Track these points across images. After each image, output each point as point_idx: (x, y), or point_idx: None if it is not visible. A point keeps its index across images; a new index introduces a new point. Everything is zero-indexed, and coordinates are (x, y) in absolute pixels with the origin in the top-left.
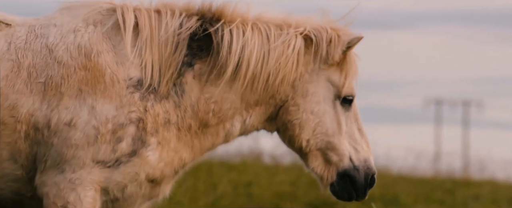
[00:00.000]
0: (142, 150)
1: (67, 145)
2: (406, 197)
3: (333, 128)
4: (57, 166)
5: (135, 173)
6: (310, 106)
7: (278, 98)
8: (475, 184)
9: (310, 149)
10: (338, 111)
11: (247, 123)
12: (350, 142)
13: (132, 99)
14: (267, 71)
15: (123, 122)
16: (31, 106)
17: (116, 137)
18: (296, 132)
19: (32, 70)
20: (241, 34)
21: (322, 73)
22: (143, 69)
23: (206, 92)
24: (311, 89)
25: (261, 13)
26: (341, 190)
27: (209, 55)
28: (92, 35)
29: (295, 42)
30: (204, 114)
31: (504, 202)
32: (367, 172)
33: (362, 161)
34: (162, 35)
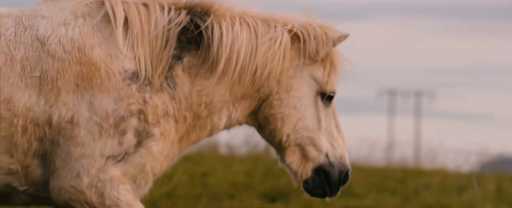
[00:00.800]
0: (146, 141)
1: (74, 144)
2: (359, 187)
3: (313, 124)
4: (68, 167)
5: (143, 165)
6: (292, 101)
7: (262, 92)
8: (426, 173)
9: (289, 144)
10: (319, 107)
11: (232, 117)
12: (328, 138)
13: (130, 91)
14: (255, 65)
15: (124, 115)
16: (28, 101)
17: (120, 130)
18: (278, 126)
19: (26, 63)
20: (231, 28)
21: (306, 69)
22: (137, 62)
23: (197, 84)
24: (294, 84)
25: (246, 9)
26: (316, 186)
27: (198, 49)
28: (82, 29)
29: (282, 38)
30: (197, 106)
31: (453, 191)
32: (341, 169)
33: (338, 157)
34: (152, 30)
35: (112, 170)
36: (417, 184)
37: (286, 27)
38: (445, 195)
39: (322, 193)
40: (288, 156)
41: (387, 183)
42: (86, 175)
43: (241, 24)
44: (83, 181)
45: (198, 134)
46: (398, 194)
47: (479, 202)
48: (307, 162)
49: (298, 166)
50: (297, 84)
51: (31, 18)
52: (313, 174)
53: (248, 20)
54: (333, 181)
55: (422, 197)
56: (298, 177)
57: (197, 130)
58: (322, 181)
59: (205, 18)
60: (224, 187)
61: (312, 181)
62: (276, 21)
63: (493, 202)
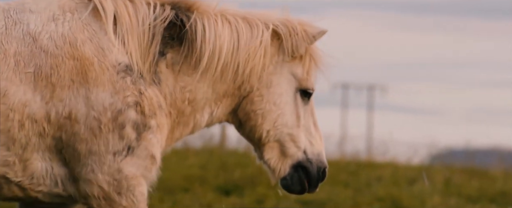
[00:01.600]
0: (145, 134)
1: (78, 140)
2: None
3: (293, 121)
4: (81, 162)
5: (151, 156)
6: (273, 97)
7: (243, 89)
8: (378, 166)
9: (268, 140)
10: (298, 104)
11: (214, 114)
12: (306, 135)
13: (125, 84)
14: (237, 62)
15: (121, 108)
16: (23, 96)
17: (118, 124)
18: (258, 122)
19: (19, 58)
20: (213, 25)
21: (286, 66)
22: (129, 56)
23: (180, 81)
24: (274, 80)
25: (226, 7)
26: (294, 183)
27: (180, 45)
28: (72, 24)
29: (263, 35)
30: (181, 103)
31: (404, 183)
32: (319, 165)
33: (316, 154)
34: (140, 26)
35: (124, 167)
36: (369, 177)
37: (266, 24)
38: (396, 187)
39: (300, 190)
40: (267, 153)
41: (340, 175)
42: (100, 171)
43: (223, 22)
44: (98, 176)
45: (181, 131)
46: (350, 186)
47: (428, 194)
48: (286, 159)
49: (277, 162)
50: (277, 80)
51: (19, 12)
52: (291, 171)
53: (229, 17)
54: (312, 178)
55: (374, 189)
56: (276, 173)
57: (180, 127)
58: (301, 178)
59: (188, 14)
60: (178, 180)
61: (291, 177)
62: (256, 19)
63: (442, 194)
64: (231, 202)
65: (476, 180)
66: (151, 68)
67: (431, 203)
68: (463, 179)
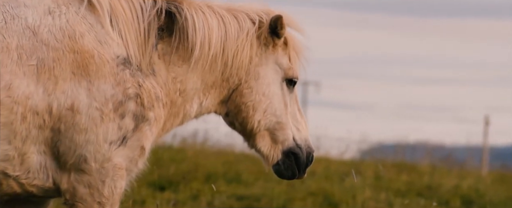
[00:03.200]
0: (142, 125)
1: (77, 130)
2: (247, 175)
3: (281, 109)
4: (75, 153)
5: (141, 147)
6: (261, 88)
7: (232, 81)
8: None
9: (259, 129)
10: (285, 92)
11: (203, 105)
12: (293, 122)
13: (125, 76)
14: (226, 52)
15: (122, 99)
16: (26, 89)
17: (119, 114)
18: (250, 114)
19: (21, 51)
20: (202, 16)
21: (271, 57)
22: (126, 49)
23: (171, 71)
24: (261, 72)
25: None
26: (286, 168)
27: (170, 35)
28: (69, 16)
29: (248, 27)
30: (173, 93)
31: (336, 178)
32: (308, 150)
33: (303, 140)
34: (135, 18)
35: (114, 156)
36: None
37: (251, 16)
38: (328, 182)
39: (291, 175)
40: (259, 141)
41: None
42: (94, 160)
43: (210, 13)
44: (91, 165)
45: (171, 122)
46: (284, 182)
47: (359, 188)
48: (277, 146)
49: (269, 150)
50: (264, 71)
51: (15, 7)
52: (283, 157)
53: (215, 9)
54: (302, 163)
55: (307, 184)
56: (270, 160)
57: (171, 118)
58: (292, 163)
59: (177, 5)
60: None
61: (283, 163)
62: (238, 11)
63: (372, 188)
64: (166, 198)
65: (405, 175)
66: (149, 60)
67: (362, 197)
68: (393, 174)
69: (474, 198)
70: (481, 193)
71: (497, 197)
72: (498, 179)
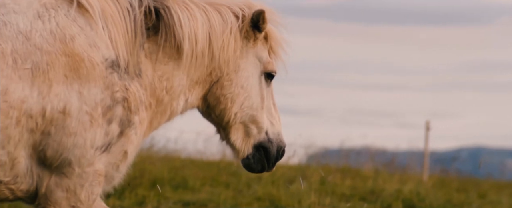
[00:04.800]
0: (127, 130)
1: (66, 133)
2: (194, 180)
3: (257, 103)
4: (61, 157)
5: (124, 152)
6: (240, 81)
7: (214, 74)
8: None
9: (235, 122)
10: (263, 86)
11: (188, 101)
12: (268, 116)
13: (113, 79)
14: (212, 48)
15: (110, 104)
16: (22, 92)
17: (107, 119)
18: (228, 106)
19: (16, 56)
20: (186, 12)
21: (251, 50)
22: (115, 51)
23: (157, 70)
24: (241, 64)
25: None
26: (255, 161)
27: (156, 34)
28: (58, 20)
29: (232, 20)
30: (160, 92)
31: (282, 182)
32: (279, 145)
33: (276, 134)
34: (122, 19)
35: (96, 162)
36: (249, 177)
37: (233, 10)
38: (275, 187)
39: (260, 168)
40: (233, 134)
41: (221, 176)
42: (78, 164)
43: (194, 9)
44: (74, 169)
45: (159, 120)
46: (231, 187)
47: (305, 193)
48: (249, 139)
49: (241, 143)
50: (244, 64)
51: (5, 13)
52: (253, 151)
53: (198, 4)
54: (271, 157)
55: (254, 189)
56: (240, 153)
57: (158, 116)
58: (262, 157)
59: (163, 2)
60: None
61: (253, 157)
62: (221, 5)
63: (318, 193)
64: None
65: (349, 179)
66: (136, 60)
67: (308, 202)
68: (337, 178)
69: (415, 202)
70: (422, 197)
71: (437, 201)
72: (438, 183)
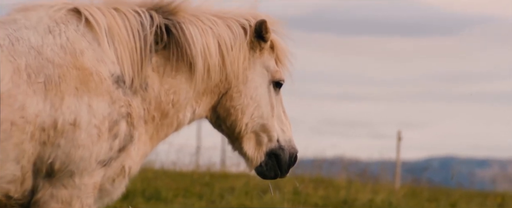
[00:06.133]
0: (129, 145)
1: (75, 145)
2: (166, 191)
3: (268, 112)
4: (67, 169)
5: (122, 167)
6: (249, 92)
7: (222, 86)
8: (231, 176)
9: (246, 132)
10: (271, 95)
11: (196, 112)
12: (278, 123)
13: (119, 94)
14: (223, 62)
15: (116, 119)
16: (36, 107)
17: (113, 134)
18: (239, 117)
19: (30, 71)
20: (197, 28)
21: (258, 60)
22: (121, 67)
23: (164, 83)
24: (249, 75)
25: (199, 5)
26: (268, 169)
27: (164, 48)
28: (68, 35)
29: (240, 33)
30: (165, 105)
31: (255, 193)
32: (291, 151)
33: (287, 141)
34: (131, 35)
35: (96, 175)
36: (222, 188)
37: (241, 22)
38: (248, 197)
39: (274, 175)
40: (245, 144)
41: (194, 187)
42: (79, 176)
43: (204, 23)
44: (74, 181)
45: (165, 132)
46: (204, 198)
47: (278, 203)
48: (261, 148)
49: (253, 152)
50: (252, 75)
51: (17, 29)
52: (266, 158)
53: (208, 17)
54: (283, 164)
55: (227, 200)
56: (254, 162)
57: (165, 128)
58: (274, 164)
59: (172, 18)
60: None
61: (265, 164)
62: (228, 18)
63: (291, 202)
64: None
65: (322, 189)
66: (142, 75)
67: None
68: (311, 188)
69: None
70: (393, 207)
71: None
72: (409, 193)
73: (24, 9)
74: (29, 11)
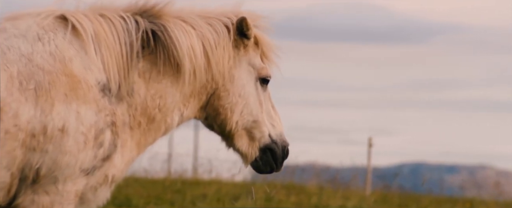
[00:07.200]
0: (113, 155)
1: (62, 151)
2: (138, 199)
3: (256, 108)
4: (52, 175)
5: (105, 176)
6: (237, 90)
7: (210, 87)
8: (203, 183)
9: (237, 130)
10: (259, 91)
11: (184, 115)
12: (268, 119)
13: (104, 103)
14: (209, 63)
15: (102, 127)
16: (28, 114)
17: (98, 142)
18: (228, 116)
19: (21, 78)
20: (182, 31)
21: (243, 58)
22: (107, 75)
23: (150, 88)
24: (236, 74)
25: (182, 7)
26: (264, 163)
27: (151, 53)
28: (57, 42)
29: (224, 32)
30: (152, 110)
31: (227, 200)
32: (283, 144)
33: (279, 135)
34: (117, 42)
35: (79, 183)
36: (194, 195)
37: (224, 22)
38: (220, 204)
39: (270, 170)
40: (237, 141)
41: (166, 194)
42: (62, 183)
43: (188, 25)
44: (57, 188)
45: (154, 137)
46: (176, 205)
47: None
48: (254, 143)
49: (247, 148)
50: (238, 73)
51: (7, 38)
52: (260, 154)
53: (192, 19)
54: (278, 157)
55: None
56: (248, 158)
57: (152, 133)
58: (269, 158)
59: (157, 22)
60: None
61: (261, 159)
62: (211, 17)
63: None
64: None
65: (294, 196)
66: (129, 81)
67: None
68: (282, 195)
69: None
70: None
71: None
72: (380, 199)
73: (12, 18)
74: (18, 19)
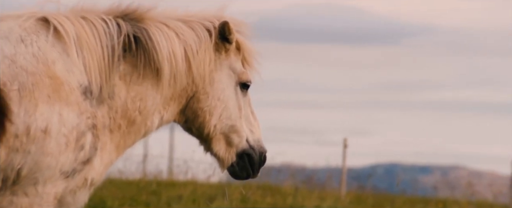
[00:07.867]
0: (93, 158)
1: (43, 153)
2: (112, 200)
3: (235, 113)
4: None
5: (85, 179)
6: (217, 93)
7: (190, 90)
8: (179, 185)
9: (215, 133)
10: (239, 96)
11: (164, 118)
12: (247, 124)
13: (86, 105)
14: (190, 67)
15: (83, 130)
16: (11, 115)
17: (79, 145)
18: (206, 119)
19: (5, 79)
20: (164, 33)
21: (224, 62)
22: (89, 77)
23: (131, 91)
24: (216, 77)
25: (164, 10)
26: (240, 169)
27: (132, 56)
28: (39, 44)
29: (206, 36)
30: (132, 113)
31: (202, 201)
32: (260, 151)
33: (256, 141)
34: (99, 44)
35: (59, 186)
36: (169, 196)
37: (206, 25)
38: (195, 205)
39: (246, 175)
40: (215, 145)
41: (141, 195)
42: (42, 185)
43: (169, 29)
44: (37, 190)
45: (133, 139)
46: (151, 206)
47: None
48: (232, 149)
49: (224, 153)
50: (219, 77)
51: None
52: (237, 159)
53: (174, 23)
54: (255, 163)
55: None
56: (225, 163)
57: (132, 136)
58: (246, 164)
59: (139, 25)
60: None
61: (237, 164)
62: (193, 21)
63: None
64: None
65: (269, 196)
66: (110, 84)
67: None
68: (258, 196)
69: None
70: None
71: None
72: (355, 200)
73: None
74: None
